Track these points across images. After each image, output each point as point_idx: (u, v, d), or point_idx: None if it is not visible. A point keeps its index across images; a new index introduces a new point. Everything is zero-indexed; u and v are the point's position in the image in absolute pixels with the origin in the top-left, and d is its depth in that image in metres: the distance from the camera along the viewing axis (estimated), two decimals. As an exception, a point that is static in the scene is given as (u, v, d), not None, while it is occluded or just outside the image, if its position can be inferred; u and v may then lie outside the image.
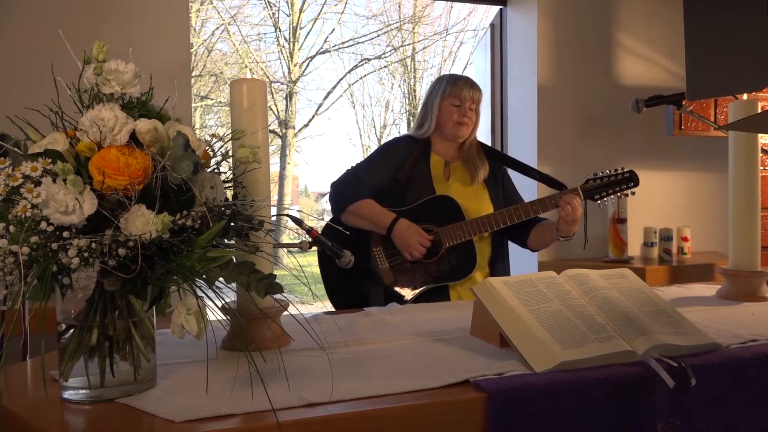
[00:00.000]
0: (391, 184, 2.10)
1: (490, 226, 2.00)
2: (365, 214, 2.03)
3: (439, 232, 2.01)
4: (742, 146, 1.62)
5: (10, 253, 0.77)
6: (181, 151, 0.84)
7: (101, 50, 0.89)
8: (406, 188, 2.08)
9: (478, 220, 2.01)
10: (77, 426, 0.83)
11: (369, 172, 2.12)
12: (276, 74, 14.63)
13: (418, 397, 0.88)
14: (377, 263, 2.06)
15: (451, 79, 2.16)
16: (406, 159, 2.12)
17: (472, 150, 2.16)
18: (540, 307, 1.12)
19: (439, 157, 2.16)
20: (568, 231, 1.99)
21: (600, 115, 3.35)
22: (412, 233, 1.98)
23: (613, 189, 2.02)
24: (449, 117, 2.11)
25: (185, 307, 0.83)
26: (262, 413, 0.81)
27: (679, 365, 0.99)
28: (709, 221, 3.51)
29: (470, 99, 2.11)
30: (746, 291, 1.56)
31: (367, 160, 2.19)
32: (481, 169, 2.13)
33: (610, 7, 3.37)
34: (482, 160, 2.16)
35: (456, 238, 2.00)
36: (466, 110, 2.10)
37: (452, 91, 2.11)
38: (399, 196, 2.08)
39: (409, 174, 2.10)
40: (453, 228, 2.01)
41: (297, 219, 1.40)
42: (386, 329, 1.31)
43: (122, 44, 1.19)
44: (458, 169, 2.16)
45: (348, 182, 2.10)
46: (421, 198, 2.06)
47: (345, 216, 2.06)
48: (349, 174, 2.13)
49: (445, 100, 2.12)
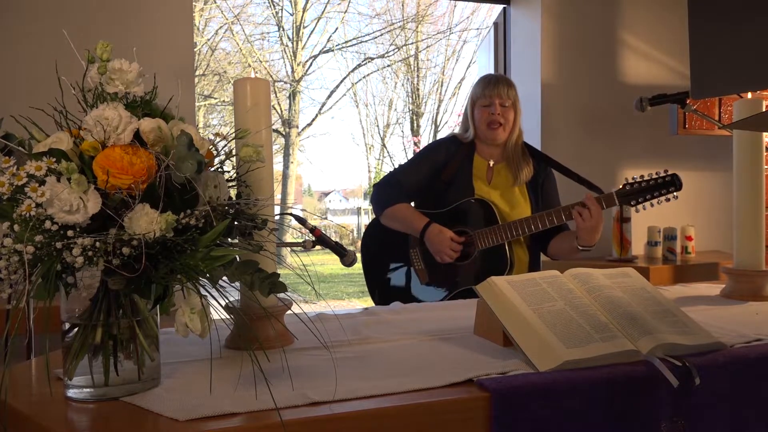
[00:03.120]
0: (434, 184, 2.12)
1: (522, 231, 1.99)
2: (400, 218, 2.09)
3: (473, 235, 2.03)
4: (747, 145, 1.61)
5: (15, 252, 0.77)
6: (184, 150, 0.84)
7: (105, 49, 0.89)
8: (447, 189, 2.11)
9: (510, 223, 2.01)
10: (81, 424, 0.83)
11: (409, 173, 2.16)
12: (279, 73, 14.66)
13: (421, 396, 0.88)
14: (414, 263, 2.13)
15: (479, 81, 2.17)
16: (449, 160, 2.14)
17: (516, 151, 2.15)
18: (544, 306, 1.12)
19: (482, 158, 2.16)
20: (588, 240, 1.92)
21: (604, 114, 3.35)
22: (442, 238, 2.01)
23: (651, 193, 1.89)
24: (481, 119, 2.11)
25: (189, 306, 0.83)
26: (265, 412, 0.81)
27: (684, 365, 0.99)
28: (714, 220, 3.50)
29: (498, 96, 2.08)
30: (751, 290, 1.56)
31: (409, 162, 2.23)
32: (524, 169, 2.12)
33: (614, 6, 3.37)
34: (527, 161, 2.14)
35: (489, 241, 2.01)
36: (497, 107, 2.08)
37: (480, 93, 2.12)
38: (440, 196, 2.11)
39: (452, 174, 2.12)
40: (486, 231, 2.02)
41: (300, 218, 1.41)
42: (390, 328, 1.31)
43: (126, 43, 1.20)
44: (502, 170, 2.15)
45: (388, 184, 2.16)
46: (461, 199, 2.08)
47: (383, 218, 2.13)
48: (390, 176, 2.19)
49: (477, 103, 2.13)
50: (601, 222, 1.91)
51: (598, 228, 1.90)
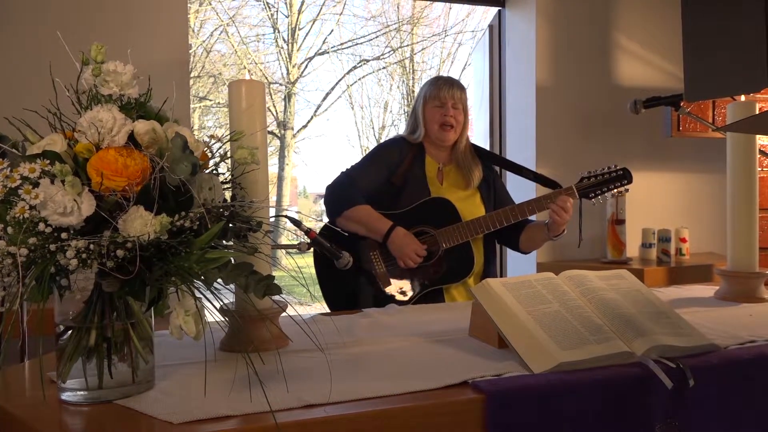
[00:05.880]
0: (385, 186, 2.09)
1: (486, 227, 2.00)
2: (361, 220, 2.02)
3: (436, 235, 2.01)
4: (741, 147, 1.62)
5: (9, 255, 0.77)
6: (179, 153, 0.84)
7: (99, 51, 0.89)
8: (401, 191, 2.07)
9: (474, 221, 2.00)
10: (75, 427, 0.83)
11: (363, 174, 2.11)
12: (275, 75, 14.64)
13: (416, 398, 0.88)
14: (374, 267, 2.05)
15: (431, 81, 2.16)
16: (401, 161, 2.11)
17: (466, 154, 2.15)
18: (538, 308, 1.12)
19: (433, 160, 2.15)
20: (560, 230, 1.99)
21: (598, 117, 3.36)
22: (408, 242, 1.97)
23: (606, 187, 2.02)
24: (433, 120, 2.10)
25: (183, 309, 0.83)
26: (260, 414, 0.81)
27: (678, 366, 0.99)
28: (708, 222, 3.52)
29: (451, 98, 2.09)
30: (744, 292, 1.56)
31: (361, 162, 2.17)
32: (475, 172, 2.12)
33: (609, 9, 3.38)
34: (476, 163, 2.15)
35: (453, 240, 2.00)
36: (449, 109, 2.08)
37: (433, 93, 2.11)
38: (394, 198, 2.07)
39: (405, 176, 2.09)
40: (450, 230, 2.00)
41: (295, 220, 1.41)
42: (384, 330, 1.30)
43: (121, 45, 1.19)
44: (451, 172, 2.15)
45: (343, 186, 2.09)
46: (416, 200, 2.05)
47: (340, 220, 2.05)
48: (343, 177, 2.12)
49: (428, 103, 2.12)
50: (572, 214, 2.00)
51: (568, 220, 1.98)
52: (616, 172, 2.02)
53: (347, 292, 2.07)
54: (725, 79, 1.35)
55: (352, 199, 2.03)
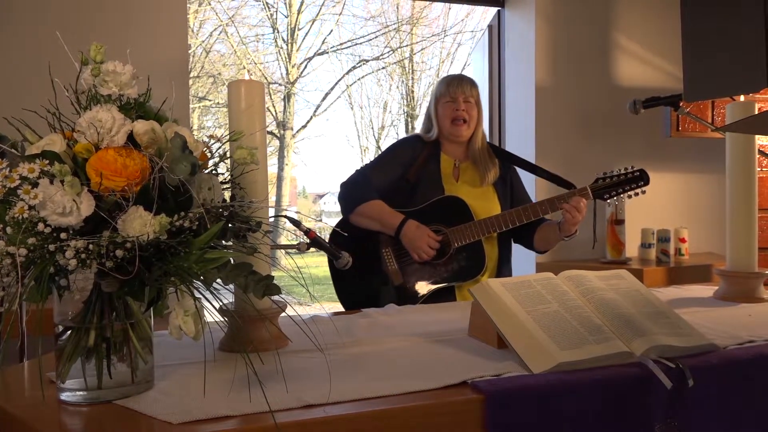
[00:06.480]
0: (400, 184, 2.10)
1: (498, 227, 2.00)
2: (374, 215, 2.03)
3: (447, 233, 2.01)
4: (740, 147, 1.62)
5: (8, 255, 0.77)
6: (178, 153, 0.84)
7: (99, 51, 0.89)
8: (415, 188, 2.08)
9: (486, 220, 2.00)
10: (74, 427, 0.82)
11: (377, 171, 2.13)
12: (274, 75, 14.64)
13: (415, 398, 0.88)
14: (386, 264, 2.06)
15: (442, 80, 2.18)
16: (415, 158, 2.13)
17: (483, 151, 2.15)
18: (538, 308, 1.12)
19: (449, 157, 2.16)
20: (572, 230, 1.98)
21: (598, 117, 3.36)
22: (420, 234, 1.98)
23: (623, 188, 2.01)
24: (445, 116, 2.11)
25: (183, 309, 0.83)
26: (259, 415, 0.81)
27: (677, 366, 0.99)
28: (707, 222, 3.52)
29: (462, 93, 2.10)
30: (744, 292, 1.56)
31: (376, 160, 2.20)
32: (491, 170, 2.12)
33: (608, 9, 3.38)
34: (492, 161, 2.15)
35: (464, 238, 2.00)
36: (460, 104, 2.09)
37: (443, 90, 2.13)
38: (408, 195, 2.08)
39: (419, 174, 2.10)
40: (461, 228, 2.00)
41: (295, 220, 1.40)
42: (384, 331, 1.30)
43: (120, 45, 1.19)
44: (468, 170, 2.15)
45: (357, 183, 2.11)
46: (430, 198, 2.06)
47: (353, 217, 2.06)
48: (357, 174, 2.14)
49: (440, 100, 2.14)
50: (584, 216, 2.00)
51: (580, 221, 1.98)
52: (633, 174, 2.00)
53: (361, 290, 2.09)
54: (724, 80, 1.35)
55: (365, 195, 2.05)
